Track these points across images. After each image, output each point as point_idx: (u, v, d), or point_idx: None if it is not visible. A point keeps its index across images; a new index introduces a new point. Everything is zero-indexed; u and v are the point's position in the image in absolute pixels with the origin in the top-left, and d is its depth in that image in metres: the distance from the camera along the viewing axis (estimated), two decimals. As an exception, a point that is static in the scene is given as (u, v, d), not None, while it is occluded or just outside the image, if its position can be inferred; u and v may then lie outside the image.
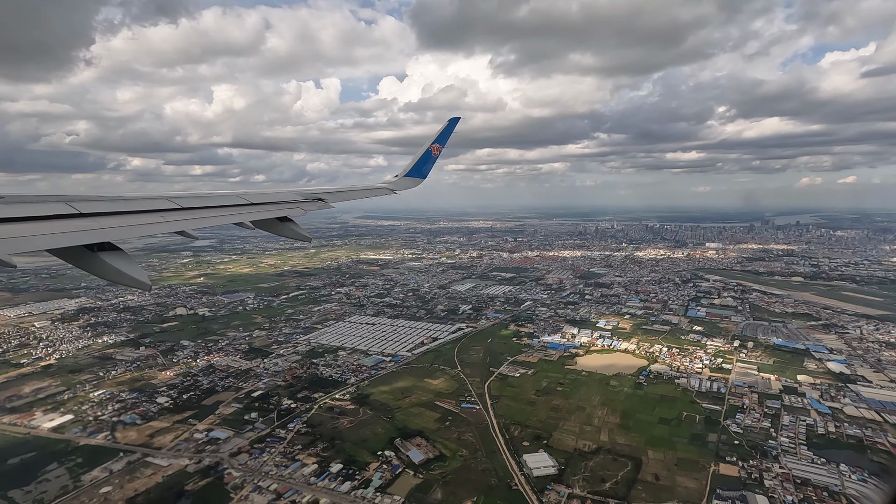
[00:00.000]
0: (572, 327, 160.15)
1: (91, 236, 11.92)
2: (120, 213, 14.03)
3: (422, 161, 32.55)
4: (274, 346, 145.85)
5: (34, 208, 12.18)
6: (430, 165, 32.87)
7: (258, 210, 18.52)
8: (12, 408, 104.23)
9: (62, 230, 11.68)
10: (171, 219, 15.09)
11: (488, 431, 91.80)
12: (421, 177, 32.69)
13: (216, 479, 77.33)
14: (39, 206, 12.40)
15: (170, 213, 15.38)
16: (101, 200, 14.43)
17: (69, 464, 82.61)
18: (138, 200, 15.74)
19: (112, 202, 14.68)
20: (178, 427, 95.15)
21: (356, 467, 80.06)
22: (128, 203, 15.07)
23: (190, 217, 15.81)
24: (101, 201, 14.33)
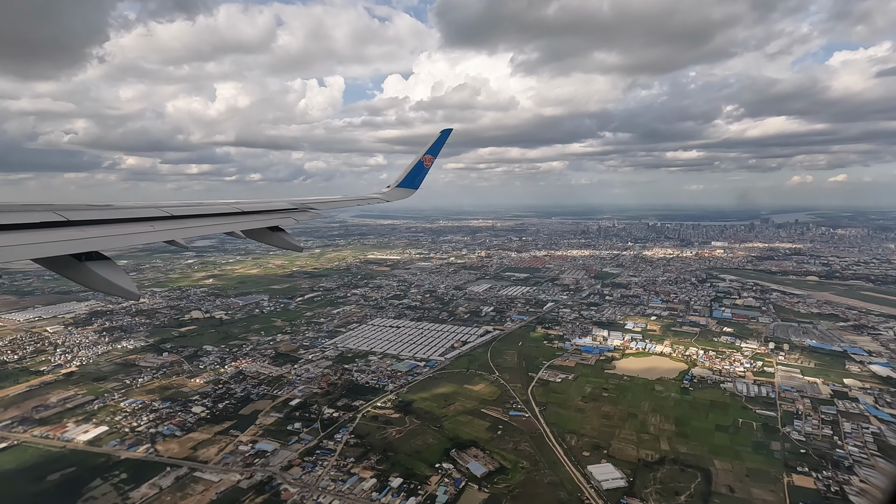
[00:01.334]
0: (601, 330, 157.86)
1: (78, 245, 11.67)
2: (109, 221, 13.78)
3: (414, 172, 32.80)
4: (301, 350, 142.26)
5: (21, 216, 11.93)
6: (422, 176, 33.11)
7: (249, 219, 18.34)
8: (41, 419, 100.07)
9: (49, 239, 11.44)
10: (160, 227, 14.85)
11: (543, 441, 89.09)
12: (413, 187, 32.93)
13: (272, 496, 73.99)
14: (27, 214, 12.15)
15: (160, 221, 15.17)
16: (90, 209, 14.18)
17: (113, 479, 78.92)
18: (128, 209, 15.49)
19: (101, 210, 14.42)
20: (221, 439, 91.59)
21: (416, 481, 77.03)
22: (117, 211, 14.82)
23: (180, 226, 15.57)
24: (89, 209, 14.07)
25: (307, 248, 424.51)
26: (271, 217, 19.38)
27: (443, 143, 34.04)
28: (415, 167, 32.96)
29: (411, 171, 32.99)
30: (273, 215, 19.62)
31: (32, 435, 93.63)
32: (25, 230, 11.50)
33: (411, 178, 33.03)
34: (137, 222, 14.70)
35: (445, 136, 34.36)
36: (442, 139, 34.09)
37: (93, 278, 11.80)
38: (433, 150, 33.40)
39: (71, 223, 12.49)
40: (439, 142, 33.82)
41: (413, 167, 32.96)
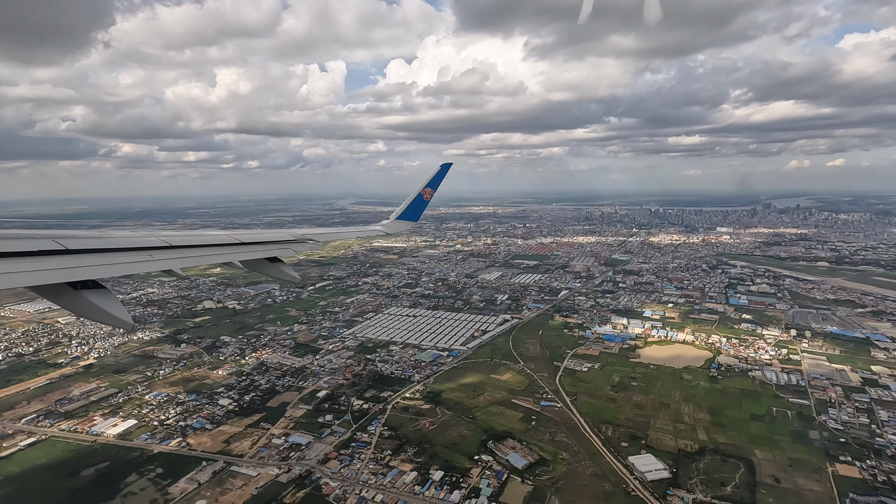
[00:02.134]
0: (620, 317, 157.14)
1: (75, 273, 11.76)
2: (107, 250, 13.88)
3: (414, 205, 33.38)
4: (320, 341, 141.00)
5: (20, 244, 12.14)
6: (422, 209, 33.77)
7: (247, 250, 18.25)
8: (67, 412, 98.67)
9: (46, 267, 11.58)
10: (158, 257, 14.87)
11: (579, 431, 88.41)
12: (413, 220, 33.67)
13: (314, 490, 73.04)
14: (26, 241, 12.38)
15: (158, 251, 15.16)
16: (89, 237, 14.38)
17: (150, 474, 77.81)
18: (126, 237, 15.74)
19: (99, 239, 14.66)
20: (252, 432, 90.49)
21: (457, 474, 76.23)
22: (115, 240, 15.04)
23: (178, 256, 15.59)
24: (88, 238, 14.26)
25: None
26: (269, 248, 19.28)
27: (442, 176, 34.64)
28: (414, 200, 33.35)
29: (411, 204, 33.38)
30: (271, 246, 19.54)
31: (60, 429, 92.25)
32: (24, 258, 11.63)
33: (411, 210, 33.53)
34: (135, 251, 14.77)
35: (445, 171, 34.88)
36: (441, 173, 34.61)
37: (88, 307, 11.82)
38: (433, 184, 33.84)
39: (69, 251, 12.57)
40: (439, 176, 34.32)
41: (413, 200, 33.38)
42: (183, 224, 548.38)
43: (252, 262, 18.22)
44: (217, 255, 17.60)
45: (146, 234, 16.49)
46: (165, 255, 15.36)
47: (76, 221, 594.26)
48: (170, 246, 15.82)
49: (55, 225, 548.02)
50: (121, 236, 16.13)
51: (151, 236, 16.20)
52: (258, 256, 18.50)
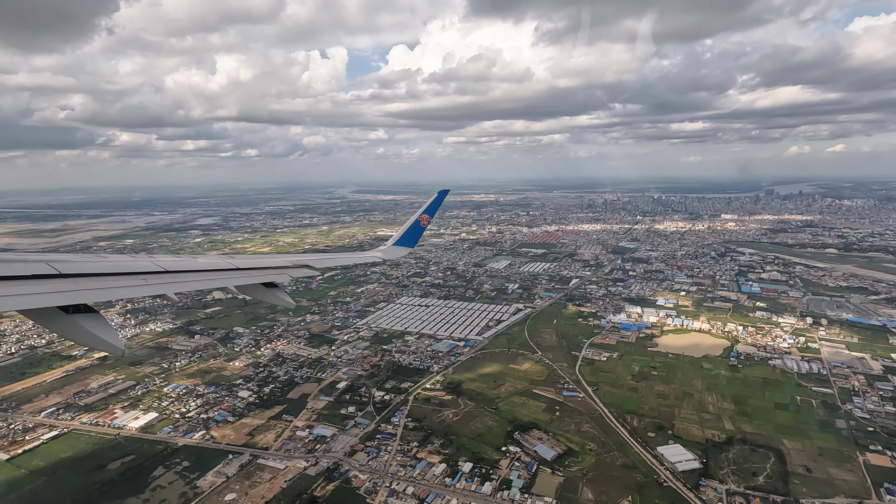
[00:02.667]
0: (633, 306, 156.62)
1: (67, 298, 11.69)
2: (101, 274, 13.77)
3: (411, 231, 33.55)
4: (334, 331, 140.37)
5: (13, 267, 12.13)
6: (419, 235, 33.86)
7: (243, 275, 18.18)
8: (87, 405, 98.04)
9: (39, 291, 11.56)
10: (153, 282, 14.80)
11: (604, 422, 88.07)
12: (410, 246, 33.73)
13: (343, 483, 72.66)
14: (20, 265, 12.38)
15: (153, 275, 15.10)
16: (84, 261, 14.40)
17: (176, 467, 77.34)
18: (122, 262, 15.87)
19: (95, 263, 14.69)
20: (275, 424, 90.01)
21: (486, 465, 75.88)
22: (110, 264, 15.06)
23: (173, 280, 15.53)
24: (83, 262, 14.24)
25: (312, 224, 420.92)
26: (266, 273, 19.18)
27: (439, 203, 35.21)
28: (412, 226, 33.59)
29: (408, 230, 33.58)
30: (267, 272, 19.43)
31: (81, 422, 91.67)
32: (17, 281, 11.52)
33: (408, 236, 33.66)
34: (131, 276, 14.69)
35: (442, 197, 35.36)
36: (439, 199, 35.04)
37: (79, 332, 11.70)
38: (430, 211, 34.21)
39: (63, 275, 12.43)
40: (436, 202, 34.79)
41: (410, 226, 33.61)
42: (183, 213, 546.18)
43: (247, 287, 18.13)
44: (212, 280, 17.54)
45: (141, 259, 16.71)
46: (160, 280, 15.22)
47: (76, 211, 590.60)
48: (165, 271, 15.70)
49: (54, 215, 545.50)
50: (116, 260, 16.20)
51: (146, 261, 16.24)
52: (254, 282, 18.38)
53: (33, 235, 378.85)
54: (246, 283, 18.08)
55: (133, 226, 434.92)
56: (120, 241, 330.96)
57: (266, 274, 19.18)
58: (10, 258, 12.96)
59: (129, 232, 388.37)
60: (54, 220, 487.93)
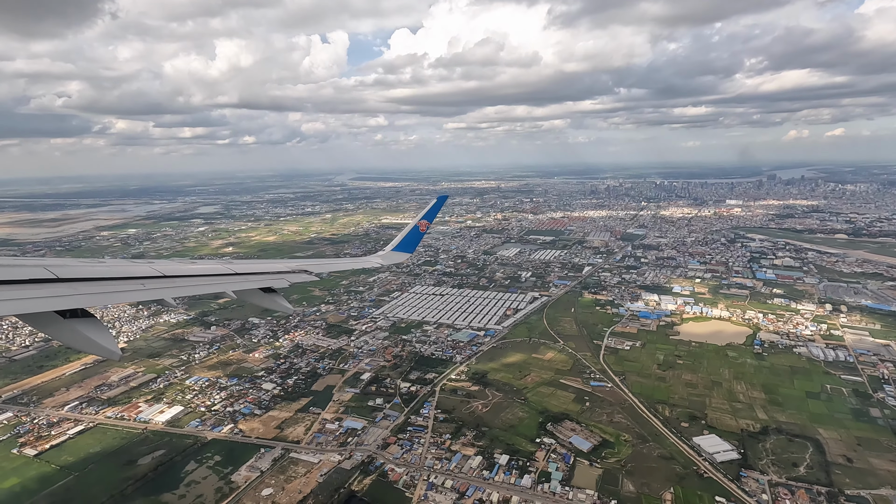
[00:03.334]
0: (650, 294, 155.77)
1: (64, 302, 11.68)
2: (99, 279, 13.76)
3: (409, 236, 33.60)
4: (351, 322, 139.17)
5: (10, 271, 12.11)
6: (418, 241, 34.02)
7: (241, 280, 18.16)
8: (109, 399, 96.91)
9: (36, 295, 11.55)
10: (151, 286, 14.81)
11: (636, 412, 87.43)
12: (409, 251, 33.80)
13: (380, 477, 71.87)
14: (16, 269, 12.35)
15: (151, 280, 15.11)
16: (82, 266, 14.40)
17: (208, 462, 76.45)
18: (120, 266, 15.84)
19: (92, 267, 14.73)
20: (303, 417, 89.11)
21: (522, 458, 75.18)
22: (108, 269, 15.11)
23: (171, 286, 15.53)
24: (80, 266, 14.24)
25: (315, 212, 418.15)
26: (264, 278, 19.15)
27: (439, 208, 35.09)
28: (410, 232, 33.57)
29: (407, 236, 33.59)
30: (266, 276, 19.43)
31: (106, 416, 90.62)
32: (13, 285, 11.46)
33: (407, 242, 33.70)
34: (129, 280, 14.55)
35: (441, 203, 35.31)
36: (437, 206, 34.92)
37: (75, 337, 11.67)
38: (429, 216, 34.12)
39: (60, 280, 12.44)
40: (435, 208, 34.61)
41: (409, 232, 33.60)
42: (183, 202, 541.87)
43: (245, 291, 18.06)
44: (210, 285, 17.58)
45: (140, 263, 16.70)
46: (158, 285, 15.20)
47: (74, 200, 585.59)
48: (163, 275, 15.67)
49: (52, 205, 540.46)
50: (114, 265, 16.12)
51: (145, 265, 16.21)
52: (252, 287, 18.30)
53: (33, 225, 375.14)
54: (244, 287, 18.08)
55: (133, 215, 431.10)
56: (122, 231, 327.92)
57: (264, 279, 19.18)
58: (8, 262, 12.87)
59: (130, 221, 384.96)
60: (53, 210, 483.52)
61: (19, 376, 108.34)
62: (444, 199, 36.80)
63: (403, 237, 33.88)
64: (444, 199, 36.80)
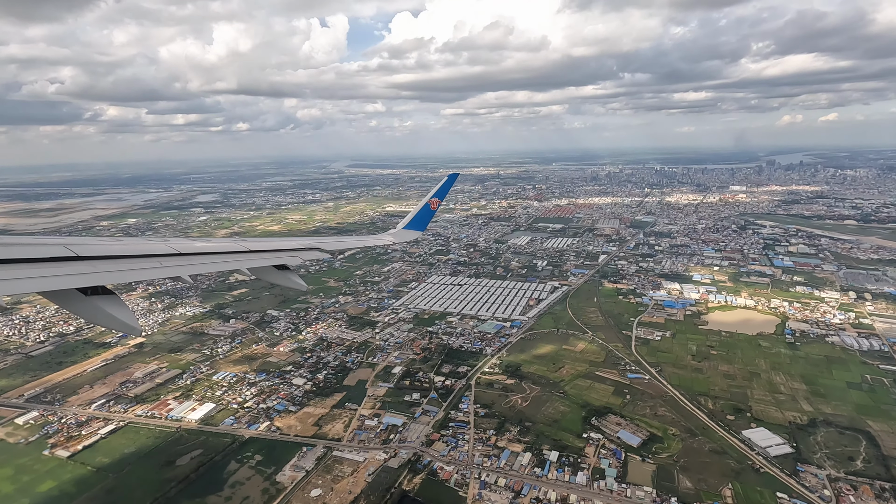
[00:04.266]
0: (670, 282, 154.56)
1: (85, 280, 12.00)
2: (117, 257, 14.18)
3: (420, 215, 33.56)
4: (372, 313, 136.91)
5: (32, 250, 12.73)
6: (429, 219, 34.00)
7: (255, 258, 18.28)
8: (137, 396, 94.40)
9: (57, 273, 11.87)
10: (168, 264, 15.10)
11: (679, 405, 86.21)
12: (420, 229, 33.87)
13: (430, 475, 70.22)
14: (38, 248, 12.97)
15: (168, 258, 15.34)
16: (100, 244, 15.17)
17: (249, 462, 74.43)
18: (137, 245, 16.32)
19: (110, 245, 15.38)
20: (340, 413, 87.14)
21: (572, 454, 73.76)
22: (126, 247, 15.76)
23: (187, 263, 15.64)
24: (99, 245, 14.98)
25: (316, 200, 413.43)
26: (277, 256, 19.26)
27: (449, 186, 35.14)
28: (421, 210, 33.39)
29: (418, 214, 33.43)
30: (279, 254, 19.49)
31: (136, 414, 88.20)
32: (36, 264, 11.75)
33: (418, 220, 33.59)
34: (145, 258, 14.87)
35: (451, 181, 35.42)
36: (448, 183, 35.00)
37: (98, 313, 12.02)
38: (440, 194, 34.01)
39: (80, 258, 12.72)
40: (446, 186, 34.60)
41: (420, 210, 33.42)
42: (179, 190, 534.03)
43: (260, 269, 18.18)
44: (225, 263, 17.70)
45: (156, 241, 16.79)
46: (175, 262, 15.35)
47: (67, 189, 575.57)
48: (179, 253, 15.79)
49: (43, 194, 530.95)
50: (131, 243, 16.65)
51: (161, 243, 16.28)
52: (265, 264, 18.38)
53: (29, 215, 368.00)
54: (258, 265, 18.14)
55: (130, 204, 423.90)
56: (122, 221, 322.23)
57: (278, 257, 19.21)
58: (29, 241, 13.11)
59: (128, 210, 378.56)
60: (47, 199, 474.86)
61: (39, 373, 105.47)
62: (455, 178, 36.62)
63: (415, 215, 33.76)
64: (455, 178, 36.62)
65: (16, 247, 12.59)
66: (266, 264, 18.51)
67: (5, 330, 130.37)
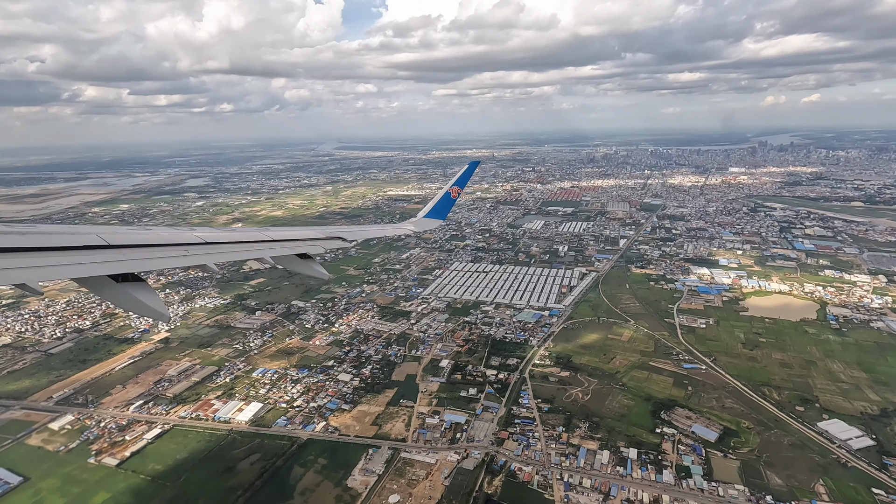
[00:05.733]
0: (697, 267, 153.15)
1: (116, 267, 12.49)
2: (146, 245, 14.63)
3: (441, 203, 33.23)
4: (402, 303, 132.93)
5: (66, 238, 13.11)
6: (449, 207, 33.70)
7: (278, 247, 18.78)
8: (176, 396, 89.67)
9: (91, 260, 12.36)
10: (194, 252, 15.53)
11: (743, 396, 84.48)
12: (441, 218, 33.45)
13: (509, 477, 67.39)
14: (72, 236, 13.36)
15: (194, 247, 15.80)
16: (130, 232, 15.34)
17: (314, 466, 70.82)
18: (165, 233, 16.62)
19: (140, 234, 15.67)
20: (396, 411, 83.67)
21: (649, 450, 71.51)
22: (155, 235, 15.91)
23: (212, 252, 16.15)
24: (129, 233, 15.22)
25: (313, 184, 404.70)
26: (299, 245, 19.48)
27: (470, 174, 34.38)
28: (442, 199, 33.03)
29: (439, 203, 33.08)
30: (301, 244, 19.71)
31: (179, 416, 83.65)
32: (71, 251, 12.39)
33: (439, 209, 33.24)
34: (173, 247, 15.28)
35: (472, 169, 34.63)
36: (469, 171, 34.27)
37: (128, 300, 12.56)
38: (460, 182, 33.54)
39: (111, 246, 13.30)
40: (466, 173, 34.04)
41: (440, 199, 33.07)
42: (167, 174, 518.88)
43: (282, 258, 18.35)
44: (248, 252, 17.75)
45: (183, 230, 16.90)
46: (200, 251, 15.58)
47: (47, 174, 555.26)
48: (204, 242, 15.96)
49: (24, 179, 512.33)
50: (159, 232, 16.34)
51: (188, 231, 16.53)
52: (289, 252, 18.60)
53: (13, 202, 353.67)
54: (281, 253, 18.36)
55: (119, 189, 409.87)
56: (114, 207, 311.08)
57: (299, 245, 19.43)
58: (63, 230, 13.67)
59: (118, 196, 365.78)
60: (29, 185, 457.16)
61: (63, 372, 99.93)
62: (476, 165, 35.60)
63: (435, 204, 33.25)
64: (476, 165, 35.60)
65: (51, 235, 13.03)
66: (289, 252, 18.63)
67: (17, 325, 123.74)
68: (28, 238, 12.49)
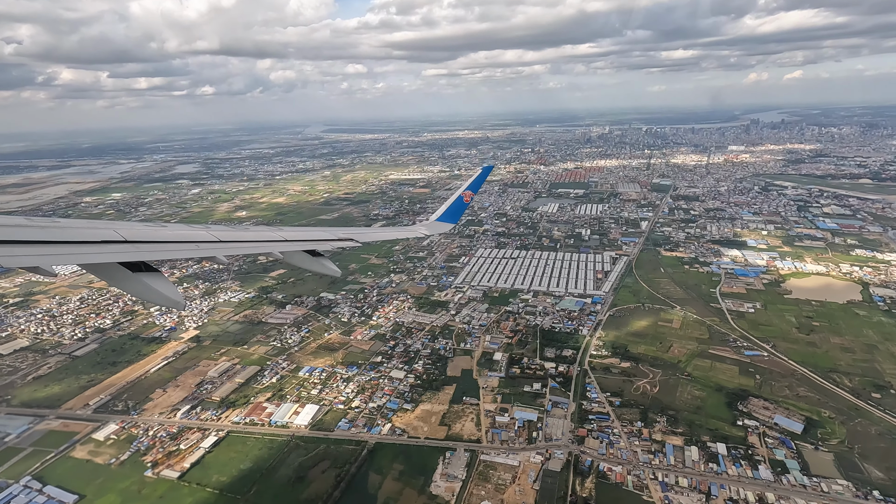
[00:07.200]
0: (727, 249, 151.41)
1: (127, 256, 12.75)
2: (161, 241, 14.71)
3: (454, 207, 32.87)
4: (436, 293, 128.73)
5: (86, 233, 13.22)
6: (461, 211, 33.26)
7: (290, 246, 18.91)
8: (223, 400, 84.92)
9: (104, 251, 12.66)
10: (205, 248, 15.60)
11: (814, 384, 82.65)
12: (453, 222, 33.15)
13: (600, 479, 64.48)
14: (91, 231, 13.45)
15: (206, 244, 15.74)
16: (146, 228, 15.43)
17: (390, 472, 67.19)
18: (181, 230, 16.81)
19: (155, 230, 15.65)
20: (462, 409, 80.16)
21: (737, 444, 69.19)
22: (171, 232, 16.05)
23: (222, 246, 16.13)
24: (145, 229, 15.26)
25: (309, 169, 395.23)
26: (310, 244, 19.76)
27: (483, 179, 34.25)
28: (455, 202, 32.89)
29: (451, 206, 32.93)
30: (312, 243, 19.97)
31: (231, 421, 79.13)
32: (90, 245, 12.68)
33: (451, 212, 33.06)
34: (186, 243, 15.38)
35: (486, 174, 34.40)
36: (483, 175, 34.14)
37: (143, 288, 12.62)
38: (473, 187, 33.30)
39: (127, 241, 13.46)
40: (480, 178, 33.89)
41: (453, 202, 32.90)
42: (154, 161, 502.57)
43: (293, 254, 18.72)
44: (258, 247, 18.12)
45: (198, 227, 17.00)
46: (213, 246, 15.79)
47: (27, 162, 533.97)
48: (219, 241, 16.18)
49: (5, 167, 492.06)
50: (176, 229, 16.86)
51: (202, 230, 16.76)
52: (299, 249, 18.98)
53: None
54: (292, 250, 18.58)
55: (107, 177, 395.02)
56: (106, 196, 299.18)
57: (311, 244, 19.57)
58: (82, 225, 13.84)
59: (107, 184, 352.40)
60: (9, 174, 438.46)
61: (94, 377, 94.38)
62: (490, 170, 35.16)
63: (447, 207, 32.94)
64: (490, 170, 35.16)
65: (69, 229, 13.28)
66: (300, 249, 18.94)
67: (31, 326, 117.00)
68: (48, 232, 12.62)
